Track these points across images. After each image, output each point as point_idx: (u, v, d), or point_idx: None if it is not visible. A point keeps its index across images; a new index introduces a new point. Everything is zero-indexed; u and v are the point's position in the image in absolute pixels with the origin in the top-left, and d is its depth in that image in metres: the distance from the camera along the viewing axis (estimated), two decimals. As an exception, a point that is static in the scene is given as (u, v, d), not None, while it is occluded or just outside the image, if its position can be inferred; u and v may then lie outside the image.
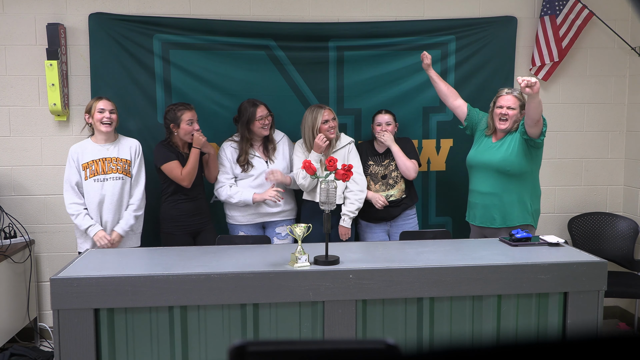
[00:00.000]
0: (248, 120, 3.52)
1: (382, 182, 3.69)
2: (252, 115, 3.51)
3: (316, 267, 2.55)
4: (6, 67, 3.78)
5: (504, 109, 3.28)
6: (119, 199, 3.35)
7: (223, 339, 2.48)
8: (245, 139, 3.56)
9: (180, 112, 3.42)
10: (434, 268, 2.56)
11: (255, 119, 3.51)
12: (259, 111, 3.52)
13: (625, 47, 4.08)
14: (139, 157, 3.45)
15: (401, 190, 3.70)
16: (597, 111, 4.21)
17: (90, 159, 3.33)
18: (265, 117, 3.54)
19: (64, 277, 2.41)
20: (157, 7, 3.83)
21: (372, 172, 3.71)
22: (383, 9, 3.98)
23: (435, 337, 2.58)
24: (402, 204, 3.70)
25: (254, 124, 3.52)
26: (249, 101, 3.57)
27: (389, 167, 3.68)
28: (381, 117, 3.69)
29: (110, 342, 2.45)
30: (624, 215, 4.15)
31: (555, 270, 2.60)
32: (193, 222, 3.49)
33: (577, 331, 2.47)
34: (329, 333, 2.50)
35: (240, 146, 3.57)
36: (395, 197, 3.68)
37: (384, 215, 3.66)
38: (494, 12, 4.04)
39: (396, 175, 3.68)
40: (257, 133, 3.55)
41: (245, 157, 3.55)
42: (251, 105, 3.54)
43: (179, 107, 3.45)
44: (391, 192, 3.68)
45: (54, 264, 3.90)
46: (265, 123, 3.53)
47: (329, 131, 3.53)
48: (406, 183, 3.72)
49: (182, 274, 2.46)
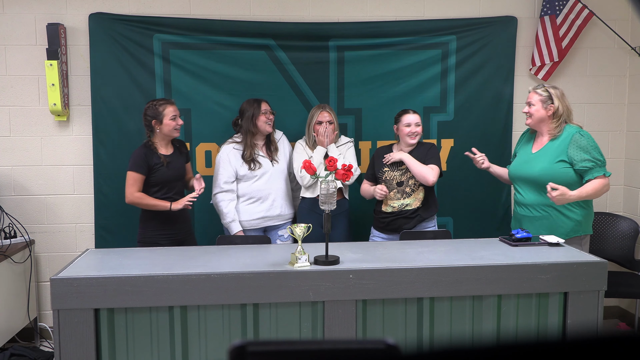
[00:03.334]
0: (253, 114, 3.49)
1: (398, 190, 3.42)
2: (257, 109, 3.49)
3: (316, 267, 2.55)
4: (6, 67, 3.79)
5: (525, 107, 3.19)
6: None
7: (223, 339, 2.48)
8: (250, 134, 3.51)
9: (162, 107, 3.25)
10: (434, 268, 2.56)
11: (261, 112, 3.50)
12: (263, 105, 3.51)
13: (625, 47, 4.08)
14: None
15: (418, 199, 3.42)
16: (597, 111, 4.21)
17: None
18: (269, 112, 3.54)
19: (64, 277, 2.41)
20: (157, 7, 3.83)
21: (387, 179, 3.46)
22: (383, 8, 3.98)
23: (435, 337, 2.58)
24: (416, 215, 3.41)
25: (259, 118, 3.49)
26: (251, 98, 3.57)
27: (407, 174, 3.42)
28: (409, 117, 3.43)
29: (110, 342, 2.45)
30: (624, 215, 4.15)
31: (555, 270, 2.60)
32: (177, 230, 3.35)
33: (577, 331, 2.47)
34: (329, 333, 2.50)
35: (245, 142, 3.50)
36: (410, 206, 3.41)
37: (395, 227, 3.43)
38: (494, 12, 4.04)
39: (414, 183, 3.41)
40: (262, 128, 3.52)
41: (250, 153, 3.49)
42: (254, 100, 3.53)
43: (160, 102, 3.28)
44: (407, 201, 3.41)
45: (54, 264, 3.90)
46: (269, 118, 3.53)
47: (320, 132, 3.53)
48: (426, 191, 3.44)
49: (182, 274, 2.46)
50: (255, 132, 3.52)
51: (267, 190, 3.52)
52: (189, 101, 3.84)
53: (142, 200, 3.25)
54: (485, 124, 4.04)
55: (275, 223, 3.59)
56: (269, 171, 3.53)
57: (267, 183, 3.52)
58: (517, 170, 3.24)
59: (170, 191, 3.32)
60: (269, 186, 3.53)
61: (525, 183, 3.17)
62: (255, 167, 3.50)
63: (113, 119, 3.81)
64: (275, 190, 3.54)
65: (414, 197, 3.42)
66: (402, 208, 3.42)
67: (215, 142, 3.80)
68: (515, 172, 3.24)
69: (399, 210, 3.42)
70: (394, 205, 3.43)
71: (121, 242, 3.70)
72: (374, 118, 3.96)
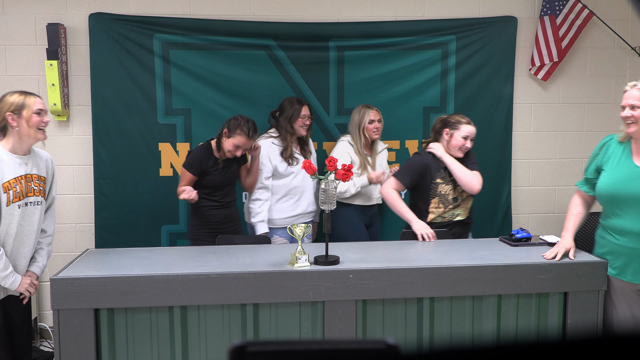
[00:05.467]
0: (292, 115, 3.49)
1: (453, 204, 3.13)
2: (297, 112, 3.49)
3: (316, 267, 2.55)
4: (6, 67, 3.78)
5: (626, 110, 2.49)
6: (37, 228, 2.61)
7: (223, 339, 2.48)
8: (288, 133, 3.51)
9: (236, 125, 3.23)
10: (434, 268, 2.56)
11: (300, 116, 3.50)
12: (304, 110, 3.51)
13: (625, 47, 4.08)
14: (53, 174, 2.73)
15: (467, 208, 3.18)
16: (597, 111, 4.21)
17: (12, 177, 2.47)
18: (308, 117, 3.53)
19: (64, 277, 2.41)
20: (157, 7, 3.83)
21: (441, 193, 3.11)
22: (383, 8, 3.98)
23: (435, 337, 2.58)
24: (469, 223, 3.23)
25: (297, 121, 3.49)
26: (294, 98, 3.57)
27: (459, 187, 3.12)
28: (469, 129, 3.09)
29: (110, 342, 2.45)
30: (624, 215, 4.15)
31: (555, 270, 2.60)
32: (224, 229, 3.37)
33: (578, 331, 2.47)
34: (329, 333, 2.50)
35: (285, 140, 3.50)
36: (461, 216, 3.17)
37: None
38: (494, 12, 4.04)
39: (462, 191, 3.14)
40: (297, 131, 3.52)
41: (290, 151, 3.50)
42: (297, 102, 3.53)
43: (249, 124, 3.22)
44: (457, 212, 3.15)
45: (54, 264, 3.89)
46: (306, 123, 3.53)
47: (373, 131, 3.56)
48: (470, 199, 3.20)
49: (182, 274, 2.46)
50: (292, 133, 3.53)
51: (302, 188, 3.55)
52: (189, 101, 3.84)
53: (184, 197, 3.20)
54: (485, 124, 4.03)
55: (306, 220, 3.63)
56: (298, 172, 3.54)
57: (303, 180, 3.54)
58: (617, 189, 2.52)
59: (219, 193, 3.33)
60: (304, 184, 3.55)
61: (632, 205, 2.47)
62: (294, 163, 3.50)
63: (113, 119, 3.81)
64: (309, 188, 3.58)
65: (463, 206, 3.17)
66: (454, 218, 3.16)
67: (215, 142, 3.79)
68: (615, 191, 2.52)
69: (448, 220, 3.17)
70: (445, 215, 3.16)
71: (121, 242, 3.70)
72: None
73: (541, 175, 4.23)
